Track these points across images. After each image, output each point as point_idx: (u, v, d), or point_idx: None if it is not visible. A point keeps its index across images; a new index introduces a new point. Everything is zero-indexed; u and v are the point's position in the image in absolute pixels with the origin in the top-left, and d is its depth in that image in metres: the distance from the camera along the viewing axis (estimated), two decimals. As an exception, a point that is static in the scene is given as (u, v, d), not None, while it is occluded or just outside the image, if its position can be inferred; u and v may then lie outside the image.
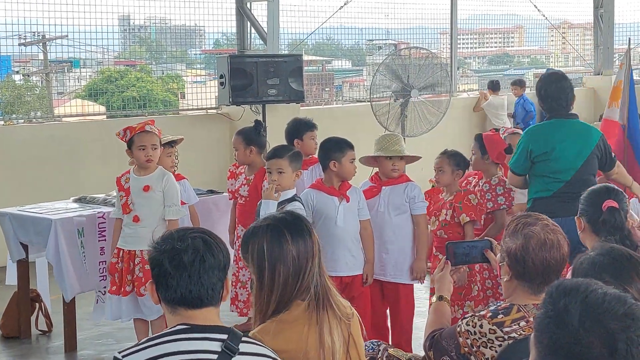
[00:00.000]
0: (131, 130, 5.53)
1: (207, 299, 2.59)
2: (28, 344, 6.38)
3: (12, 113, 13.19)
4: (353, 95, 14.67)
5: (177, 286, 2.55)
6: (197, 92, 12.02)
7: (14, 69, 14.69)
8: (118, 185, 5.68)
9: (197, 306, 2.59)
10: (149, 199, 5.56)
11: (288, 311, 2.99)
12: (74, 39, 12.15)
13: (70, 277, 6.01)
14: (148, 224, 5.46)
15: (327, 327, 2.98)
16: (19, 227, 6.27)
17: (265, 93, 8.63)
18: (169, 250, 2.58)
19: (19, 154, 8.93)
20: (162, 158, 5.93)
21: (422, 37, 14.41)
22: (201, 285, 2.56)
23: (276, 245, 3.01)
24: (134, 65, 16.01)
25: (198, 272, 2.55)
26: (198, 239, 2.60)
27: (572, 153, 5.53)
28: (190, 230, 2.68)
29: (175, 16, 13.01)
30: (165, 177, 5.64)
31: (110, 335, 6.47)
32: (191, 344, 2.50)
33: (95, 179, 8.95)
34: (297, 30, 12.79)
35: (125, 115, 10.85)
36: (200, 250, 2.57)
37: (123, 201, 5.59)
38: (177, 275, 2.55)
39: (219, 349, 2.50)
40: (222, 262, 2.62)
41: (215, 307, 2.63)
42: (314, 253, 3.05)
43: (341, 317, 3.06)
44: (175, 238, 2.60)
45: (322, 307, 3.01)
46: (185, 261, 2.55)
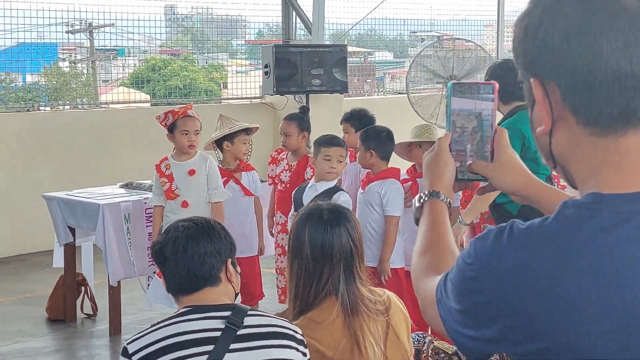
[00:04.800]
0: (173, 114, 5.55)
1: (202, 281, 2.67)
2: (73, 327, 6.47)
3: (59, 99, 13.40)
4: (395, 87, 14.65)
5: (169, 276, 2.70)
6: (240, 82, 12.11)
7: (60, 56, 14.89)
8: (158, 171, 5.67)
9: (192, 290, 2.68)
10: (195, 183, 5.60)
11: (319, 308, 2.94)
12: (119, 28, 12.28)
13: (115, 263, 6.08)
14: (196, 208, 5.51)
15: (361, 333, 2.91)
16: (67, 211, 6.36)
17: (309, 83, 8.65)
18: (154, 245, 2.76)
19: (64, 139, 9.05)
20: (238, 145, 5.95)
21: (466, 30, 14.32)
22: (188, 272, 2.66)
23: (297, 238, 3.00)
24: (177, 54, 16.15)
25: (182, 260, 2.66)
26: (181, 229, 2.71)
27: None
28: (182, 221, 2.80)
29: (220, 6, 13.11)
30: (209, 161, 5.70)
31: (154, 320, 6.49)
32: (193, 324, 2.56)
33: (139, 166, 9.04)
34: (339, 21, 12.82)
35: (168, 103, 10.96)
36: (180, 240, 2.68)
37: (166, 187, 5.62)
38: (165, 267, 2.70)
39: (222, 325, 2.55)
40: (213, 247, 2.69)
41: (215, 286, 2.69)
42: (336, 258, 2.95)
43: (377, 317, 2.97)
44: (165, 231, 2.77)
45: (353, 314, 2.92)
46: (167, 253, 2.68)
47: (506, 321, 1.34)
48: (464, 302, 1.41)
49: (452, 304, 1.45)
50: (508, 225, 1.39)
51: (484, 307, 1.37)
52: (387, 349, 3.01)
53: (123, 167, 9.12)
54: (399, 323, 3.07)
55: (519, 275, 1.33)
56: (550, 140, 1.39)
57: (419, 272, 1.67)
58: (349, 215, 3.09)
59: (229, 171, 6.00)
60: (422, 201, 1.77)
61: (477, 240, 1.43)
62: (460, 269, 1.44)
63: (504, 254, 1.36)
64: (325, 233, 2.97)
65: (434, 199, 1.75)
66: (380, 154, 5.52)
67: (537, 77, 1.38)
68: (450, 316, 1.46)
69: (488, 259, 1.38)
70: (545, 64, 1.36)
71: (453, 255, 1.66)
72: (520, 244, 1.35)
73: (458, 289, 1.43)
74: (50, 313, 6.57)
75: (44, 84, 14.45)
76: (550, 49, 1.35)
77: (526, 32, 1.39)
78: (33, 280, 7.72)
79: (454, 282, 1.45)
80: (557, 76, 1.35)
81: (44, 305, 6.62)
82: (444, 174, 1.76)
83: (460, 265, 1.44)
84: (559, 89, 1.35)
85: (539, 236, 1.33)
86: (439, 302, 1.50)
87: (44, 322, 6.54)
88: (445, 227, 1.73)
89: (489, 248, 1.39)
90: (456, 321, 1.44)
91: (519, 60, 1.44)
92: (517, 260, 1.34)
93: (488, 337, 1.39)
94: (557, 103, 1.35)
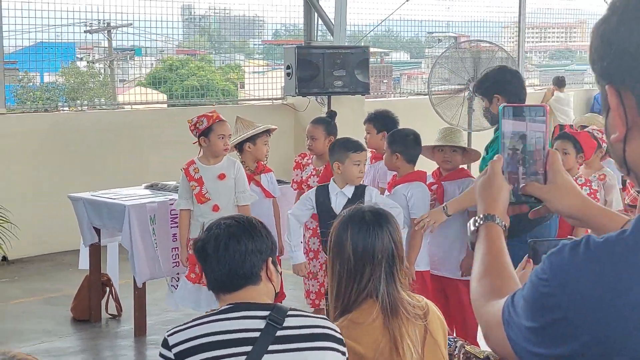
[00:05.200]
0: (208, 119, 5.59)
1: (242, 280, 2.68)
2: (98, 328, 6.51)
3: (76, 99, 13.44)
4: (411, 88, 14.65)
5: (210, 273, 2.71)
6: (257, 82, 12.13)
7: (78, 55, 14.92)
8: (187, 175, 5.68)
9: (233, 289, 2.69)
10: (225, 187, 5.64)
11: (359, 310, 2.96)
12: (137, 28, 12.32)
13: (142, 263, 6.11)
14: (226, 211, 5.53)
15: (400, 335, 2.93)
16: (92, 211, 6.39)
17: (331, 84, 8.67)
18: (196, 242, 2.77)
19: (86, 139, 9.09)
20: (260, 146, 6.00)
21: (482, 31, 14.31)
22: (229, 270, 2.67)
23: (339, 239, 3.01)
24: (194, 54, 16.17)
25: (223, 258, 2.67)
26: (223, 227, 2.72)
27: None
28: (224, 218, 2.81)
29: (236, 6, 13.13)
30: (236, 164, 5.74)
31: (179, 321, 6.42)
32: (234, 323, 2.57)
33: (162, 166, 9.08)
34: (356, 22, 12.81)
35: (185, 104, 10.99)
36: (222, 237, 2.68)
37: (197, 191, 5.64)
38: (206, 264, 2.71)
39: (262, 325, 2.56)
40: (254, 246, 2.70)
41: (255, 285, 2.70)
42: (377, 259, 2.97)
43: (415, 320, 2.99)
44: (207, 229, 2.77)
45: (392, 315, 2.95)
46: (209, 250, 2.69)
47: (585, 338, 1.32)
48: (539, 319, 1.38)
49: (524, 322, 1.42)
50: (584, 239, 1.37)
51: (560, 324, 1.35)
52: (425, 353, 3.03)
53: (146, 168, 9.17)
54: (437, 329, 3.09)
55: (598, 289, 1.31)
56: (624, 148, 1.38)
57: (479, 296, 1.66)
58: (390, 217, 3.12)
59: (250, 173, 6.04)
60: (478, 225, 1.76)
61: (552, 255, 1.40)
62: (534, 285, 1.41)
63: (582, 268, 1.34)
64: (367, 234, 3.00)
65: (490, 222, 1.75)
66: (407, 157, 5.53)
67: (612, 84, 1.38)
68: (520, 335, 1.43)
69: (565, 273, 1.36)
70: (620, 70, 1.36)
71: (513, 278, 1.66)
72: (597, 257, 1.33)
73: (532, 306, 1.40)
74: (75, 313, 6.62)
75: (61, 84, 14.48)
76: (626, 55, 1.35)
77: (602, 39, 1.39)
78: (58, 280, 7.78)
79: (527, 299, 1.42)
80: (632, 82, 1.34)
81: (69, 305, 6.67)
82: (498, 198, 1.77)
83: (534, 281, 1.41)
84: (634, 95, 1.34)
85: (618, 249, 1.31)
86: (507, 322, 1.47)
87: (69, 322, 6.59)
88: (502, 251, 1.73)
89: (565, 262, 1.36)
90: (527, 340, 1.41)
91: (595, 67, 1.44)
92: (596, 274, 1.32)
93: (563, 355, 1.36)
94: (632, 109, 1.35)
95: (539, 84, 15.24)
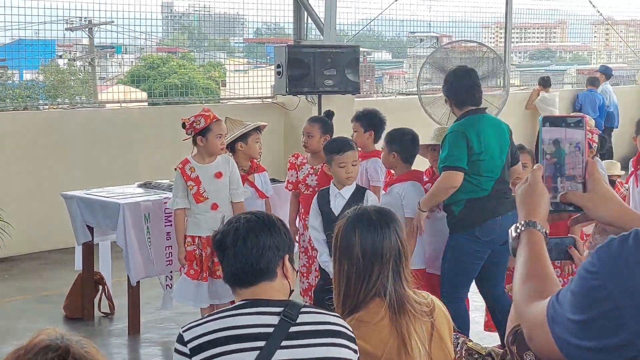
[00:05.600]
0: (206, 119, 5.59)
1: (259, 276, 2.70)
2: (91, 326, 6.49)
3: (57, 97, 13.35)
4: (394, 88, 14.70)
5: (227, 266, 2.72)
6: (239, 82, 12.10)
7: (58, 53, 14.82)
8: (184, 175, 5.66)
9: (250, 283, 2.71)
10: (222, 185, 5.67)
11: (367, 309, 2.98)
12: (118, 25, 12.26)
13: (136, 262, 6.11)
14: (224, 209, 5.59)
15: (407, 333, 2.96)
16: (86, 210, 6.37)
17: (322, 83, 8.69)
18: (216, 234, 2.78)
19: (72, 138, 9.04)
20: (252, 144, 6.03)
21: (464, 31, 14.39)
22: (246, 263, 2.68)
23: (347, 240, 3.03)
24: (175, 52, 16.11)
25: (241, 252, 2.68)
26: (243, 221, 2.74)
27: (498, 148, 5.40)
28: (244, 213, 2.84)
29: (217, 4, 13.09)
30: (230, 162, 5.78)
31: (172, 320, 6.56)
32: (248, 319, 2.60)
33: (147, 165, 9.07)
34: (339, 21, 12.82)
35: (166, 102, 10.95)
36: (241, 231, 2.70)
37: (194, 191, 5.63)
38: (224, 257, 2.73)
39: (276, 321, 2.59)
40: (272, 242, 2.72)
41: (271, 281, 2.72)
42: (385, 258, 3.01)
43: (422, 317, 3.02)
44: (227, 223, 2.79)
45: (400, 313, 2.97)
46: (228, 243, 2.70)
47: (634, 327, 1.36)
48: (588, 312, 1.42)
49: (570, 316, 1.46)
50: (633, 232, 1.42)
51: (610, 315, 1.39)
52: (432, 349, 3.06)
53: (134, 166, 9.14)
54: (443, 325, 3.13)
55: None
56: None
57: (522, 300, 1.70)
58: (395, 216, 3.16)
59: (244, 173, 6.05)
60: (519, 231, 1.81)
61: (601, 249, 1.45)
62: (583, 279, 1.45)
63: (631, 259, 1.38)
64: (375, 234, 3.03)
65: (531, 228, 1.80)
66: (403, 157, 5.59)
67: None
68: (566, 331, 1.47)
69: (614, 265, 1.40)
70: None
71: (555, 281, 1.70)
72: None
73: (581, 299, 1.45)
74: (68, 311, 6.60)
75: (41, 82, 14.37)
76: None
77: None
78: (50, 278, 7.75)
79: (575, 292, 1.46)
80: None
81: (61, 304, 6.65)
82: (539, 205, 1.82)
83: (582, 275, 1.46)
84: None
85: None
86: (552, 319, 1.51)
87: (62, 320, 6.56)
88: (544, 255, 1.77)
89: (615, 254, 1.41)
90: (573, 334, 1.45)
91: None
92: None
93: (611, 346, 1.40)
94: None
95: (519, 84, 15.34)
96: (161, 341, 6.25)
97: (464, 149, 5.27)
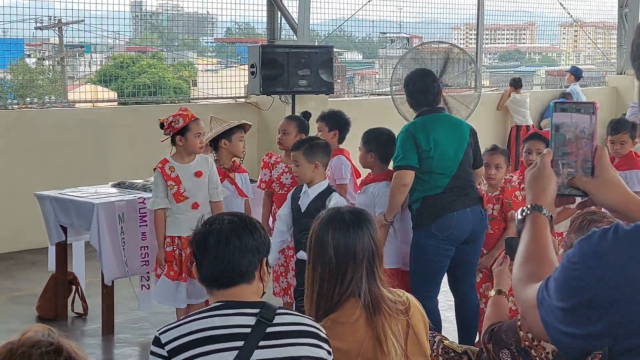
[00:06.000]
0: (184, 118, 5.58)
1: (238, 278, 2.71)
2: (64, 327, 6.44)
3: (25, 97, 13.23)
4: (364, 88, 14.75)
5: (207, 267, 2.71)
6: (210, 81, 12.07)
7: (26, 52, 14.69)
8: (164, 174, 5.62)
9: (227, 285, 2.71)
10: (202, 184, 5.66)
11: (342, 310, 2.99)
12: (87, 24, 12.18)
13: (110, 262, 6.08)
14: (204, 208, 5.59)
15: (383, 332, 2.97)
16: (60, 210, 6.33)
17: (296, 83, 8.70)
18: (197, 234, 2.76)
19: (38, 138, 8.97)
20: (236, 143, 6.04)
21: (434, 31, 14.46)
22: (227, 265, 2.68)
23: (320, 241, 3.04)
24: (145, 51, 16.04)
25: (223, 253, 2.68)
26: (226, 222, 2.74)
27: (452, 146, 5.52)
28: (225, 214, 2.84)
29: (188, 3, 13.05)
30: (210, 161, 5.80)
31: (146, 320, 6.54)
32: (225, 320, 2.61)
33: (119, 164, 9.03)
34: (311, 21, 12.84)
35: (137, 102, 10.90)
36: (224, 232, 2.70)
37: (174, 190, 5.61)
38: (204, 258, 2.71)
39: (252, 322, 2.61)
40: (254, 244, 2.73)
41: (249, 284, 2.73)
42: (359, 259, 3.00)
43: (397, 316, 3.03)
44: (206, 223, 2.78)
45: (375, 312, 2.98)
46: (210, 244, 2.69)
47: (612, 317, 1.41)
48: (569, 300, 1.47)
49: (555, 303, 1.51)
50: (612, 227, 1.47)
51: (589, 305, 1.44)
52: (408, 347, 3.08)
53: (106, 166, 9.10)
54: (418, 323, 3.15)
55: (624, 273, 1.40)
56: None
57: (520, 280, 1.74)
58: (369, 217, 3.17)
59: (225, 170, 6.05)
60: (525, 214, 1.84)
61: (582, 240, 1.51)
62: (565, 269, 1.50)
63: (609, 253, 1.43)
64: (348, 234, 3.04)
65: (537, 212, 1.82)
66: (380, 156, 5.63)
67: None
68: (552, 316, 1.52)
69: (593, 258, 1.45)
70: None
71: (554, 265, 1.71)
72: (625, 244, 1.43)
73: (562, 288, 1.50)
74: (40, 312, 6.55)
75: (9, 81, 14.23)
76: None
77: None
78: (23, 278, 7.69)
79: (558, 281, 1.51)
80: None
81: (34, 304, 6.60)
82: (547, 190, 1.84)
83: (565, 264, 1.51)
84: None
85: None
86: (541, 304, 1.56)
87: (35, 321, 6.48)
88: (547, 239, 1.80)
89: (594, 247, 1.46)
90: (558, 320, 1.50)
91: (635, 63, 1.52)
92: (623, 258, 1.41)
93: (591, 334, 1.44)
94: None
95: (488, 85, 15.45)
96: (135, 341, 6.22)
97: (412, 148, 5.41)
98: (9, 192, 8.54)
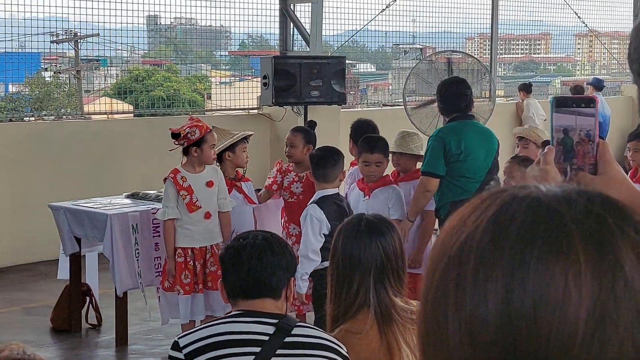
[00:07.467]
0: (200, 129, 5.61)
1: (266, 291, 2.73)
2: (78, 338, 6.47)
3: (42, 110, 13.31)
4: (378, 99, 14.75)
5: (237, 279, 2.73)
6: (224, 93, 12.11)
7: (43, 65, 14.80)
8: (176, 184, 5.66)
9: (254, 296, 2.73)
10: (213, 194, 5.71)
11: (355, 320, 2.95)
12: (103, 37, 12.26)
13: (123, 273, 6.09)
14: (215, 218, 5.63)
15: (396, 342, 2.93)
16: (73, 221, 6.36)
17: (308, 94, 8.71)
18: (229, 248, 2.79)
19: (56, 150, 9.03)
20: (239, 153, 6.07)
21: (447, 42, 14.46)
22: (258, 278, 2.71)
23: (333, 245, 3.03)
24: (160, 64, 16.13)
25: (256, 267, 2.71)
26: (260, 238, 2.78)
27: (482, 152, 5.66)
28: (258, 231, 2.90)
29: (203, 17, 13.12)
30: (219, 171, 5.84)
31: (160, 331, 6.54)
32: (243, 326, 2.64)
33: (133, 176, 9.06)
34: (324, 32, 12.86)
35: (152, 114, 10.95)
36: (258, 247, 2.73)
37: (187, 200, 5.64)
38: (236, 270, 2.73)
39: (271, 331, 2.62)
40: (284, 262, 2.77)
41: (274, 299, 2.75)
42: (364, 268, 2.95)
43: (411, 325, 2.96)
44: (239, 238, 2.84)
45: (387, 323, 2.94)
46: (244, 257, 2.72)
47: None
48: None
49: None
50: None
51: None
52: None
53: (120, 178, 9.13)
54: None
55: None
56: None
57: None
58: (384, 228, 3.06)
59: (232, 180, 6.08)
60: None
61: None
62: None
63: None
64: (355, 243, 2.98)
65: None
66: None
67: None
68: None
69: None
70: None
71: None
72: None
73: None
74: (55, 323, 6.57)
75: (27, 94, 14.34)
76: None
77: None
78: (37, 290, 7.72)
79: None
80: None
81: (48, 315, 6.62)
82: None
83: None
84: None
85: None
86: None
87: (49, 332, 6.54)
88: None
89: None
90: None
91: (634, 66, 1.51)
92: None
93: None
94: None
95: (503, 95, 15.41)
96: (149, 352, 6.24)
97: (440, 155, 5.54)
98: (25, 203, 8.60)
